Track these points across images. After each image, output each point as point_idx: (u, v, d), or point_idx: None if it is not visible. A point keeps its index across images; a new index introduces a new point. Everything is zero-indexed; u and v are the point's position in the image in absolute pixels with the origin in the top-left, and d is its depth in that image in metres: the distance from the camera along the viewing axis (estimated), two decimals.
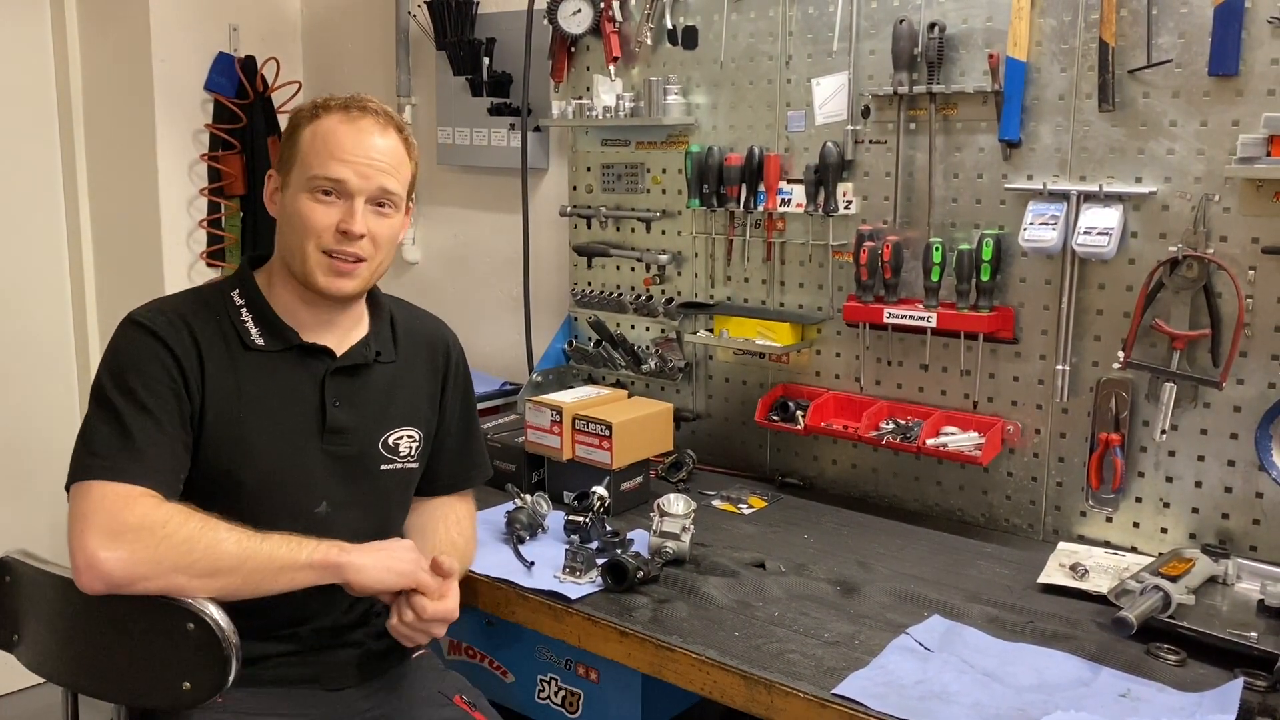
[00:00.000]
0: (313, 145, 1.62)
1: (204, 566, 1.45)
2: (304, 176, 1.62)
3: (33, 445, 3.27)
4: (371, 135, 1.63)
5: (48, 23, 3.20)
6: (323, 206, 1.61)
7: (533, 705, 2.03)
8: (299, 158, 1.63)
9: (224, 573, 1.46)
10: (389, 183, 1.64)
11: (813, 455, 2.46)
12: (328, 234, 1.61)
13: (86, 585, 1.42)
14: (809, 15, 2.35)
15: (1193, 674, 1.58)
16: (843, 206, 2.33)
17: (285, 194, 1.65)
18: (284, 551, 1.50)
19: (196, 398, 1.58)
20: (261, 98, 3.25)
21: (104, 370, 1.57)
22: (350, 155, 1.61)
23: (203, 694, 1.46)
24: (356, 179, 1.61)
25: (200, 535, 1.46)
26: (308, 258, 1.62)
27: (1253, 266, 1.90)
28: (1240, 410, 1.94)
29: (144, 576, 1.43)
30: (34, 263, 3.25)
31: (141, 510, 1.45)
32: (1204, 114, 1.92)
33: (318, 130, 1.63)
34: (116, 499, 1.45)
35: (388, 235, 1.66)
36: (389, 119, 1.67)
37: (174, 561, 1.44)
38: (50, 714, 3.03)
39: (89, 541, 1.42)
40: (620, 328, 2.74)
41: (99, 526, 1.43)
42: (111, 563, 1.41)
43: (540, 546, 2.04)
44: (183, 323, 1.60)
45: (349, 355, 1.71)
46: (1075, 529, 2.14)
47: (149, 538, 1.43)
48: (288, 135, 1.67)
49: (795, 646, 1.65)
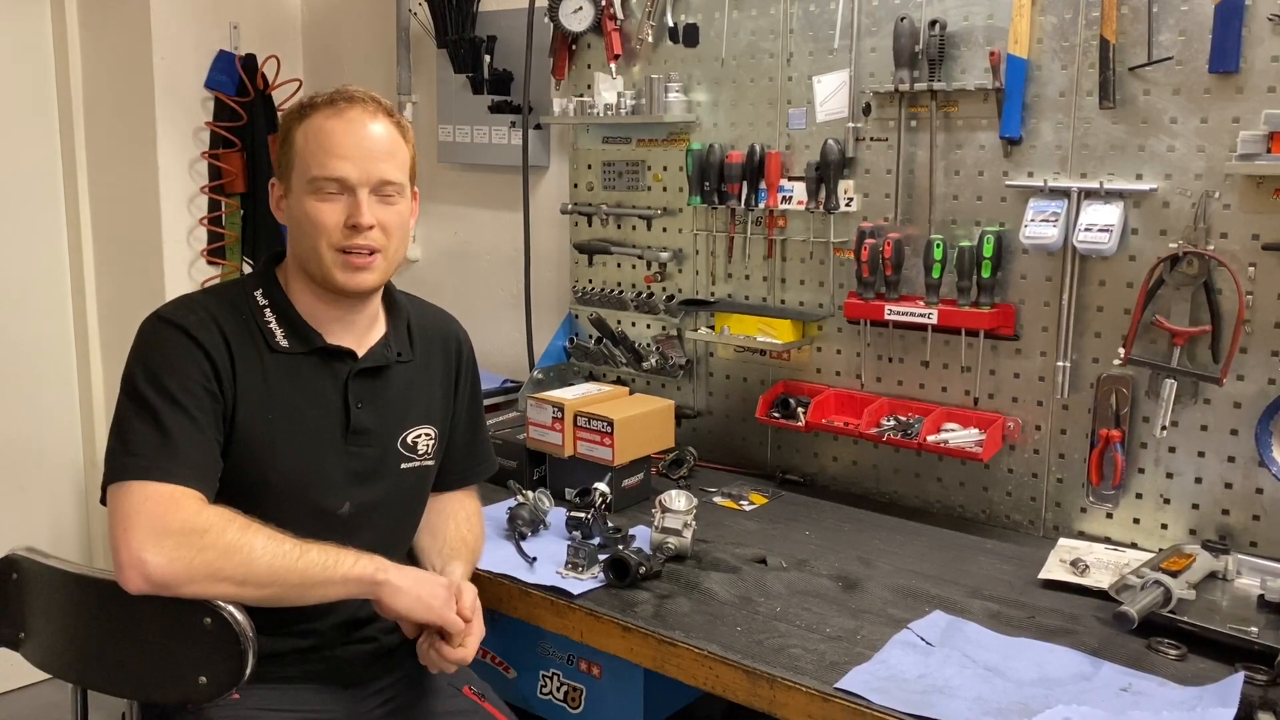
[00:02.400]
0: (307, 146, 1.60)
1: (241, 576, 1.45)
2: (304, 179, 1.60)
3: (33, 443, 3.27)
4: (363, 124, 1.61)
5: (48, 21, 3.20)
6: (328, 205, 1.60)
7: (535, 700, 2.04)
8: (296, 161, 1.62)
9: (261, 584, 1.47)
10: (388, 170, 1.62)
11: (813, 452, 2.47)
12: (337, 231, 1.60)
13: (130, 584, 1.42)
14: (810, 13, 2.35)
15: (1193, 669, 1.59)
16: (844, 204, 2.34)
17: (290, 200, 1.64)
18: (320, 566, 1.50)
19: (229, 397, 1.57)
20: (262, 95, 3.25)
21: (137, 367, 1.55)
22: (345, 149, 1.59)
23: (218, 689, 1.45)
24: (356, 172, 1.59)
25: (240, 544, 1.46)
26: (323, 258, 1.61)
27: (1253, 263, 1.90)
28: (1240, 406, 1.95)
29: (185, 581, 1.43)
30: (34, 260, 3.25)
31: (186, 513, 1.45)
32: (1204, 111, 1.92)
33: (308, 130, 1.61)
34: (160, 500, 1.45)
35: (396, 222, 1.65)
36: (377, 105, 1.64)
37: (214, 570, 1.44)
38: (54, 711, 3.07)
39: (133, 540, 1.42)
40: (621, 325, 2.74)
41: (144, 527, 1.42)
42: (154, 565, 1.41)
43: (542, 543, 2.04)
44: (213, 321, 1.59)
45: (370, 356, 1.70)
46: (1076, 525, 2.14)
47: (193, 543, 1.43)
48: (282, 141, 1.65)
49: (797, 641, 1.66)
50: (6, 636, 1.63)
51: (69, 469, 3.35)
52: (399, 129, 1.66)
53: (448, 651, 1.59)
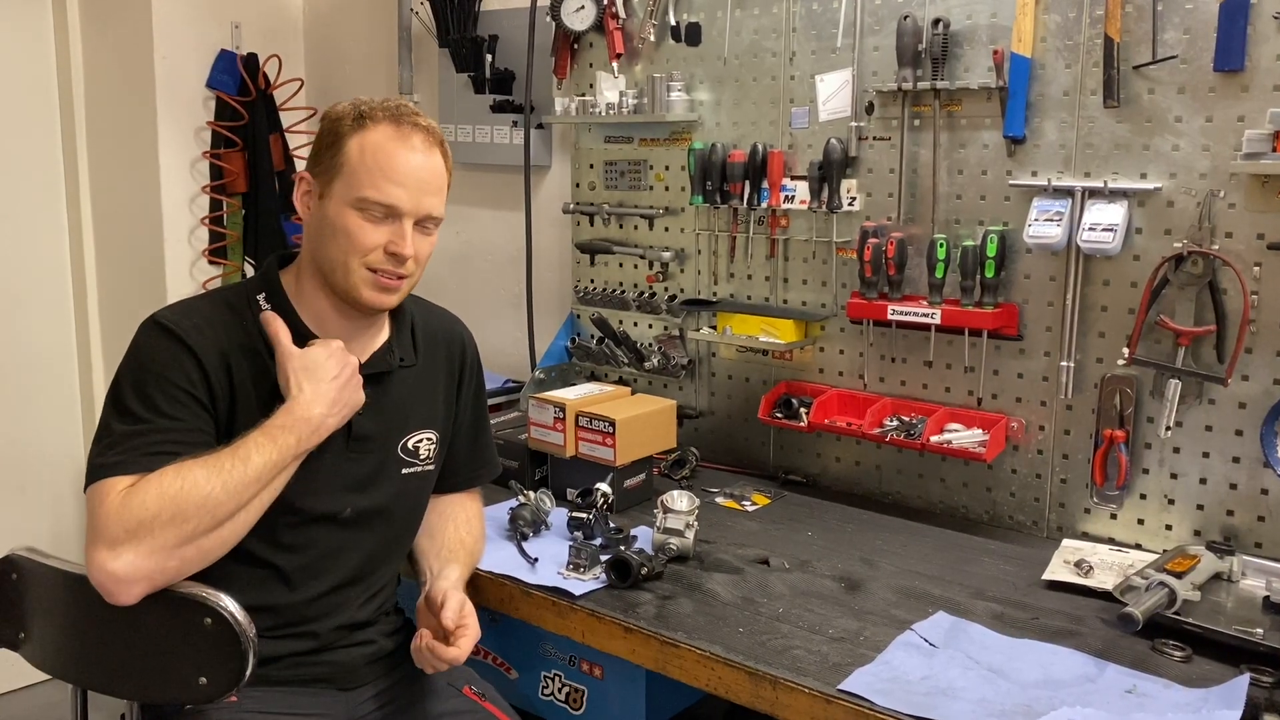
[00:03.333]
0: (362, 161, 1.55)
1: (205, 515, 1.41)
2: (352, 193, 1.56)
3: (34, 443, 3.27)
4: (424, 156, 1.58)
5: (50, 20, 3.20)
6: (372, 225, 1.57)
7: (537, 702, 2.03)
8: (345, 171, 1.56)
9: (227, 506, 1.43)
10: (435, 206, 1.61)
11: (816, 452, 2.46)
12: (376, 254, 1.57)
13: (120, 598, 1.40)
14: (813, 11, 2.35)
15: (1198, 670, 1.58)
16: (846, 203, 2.33)
17: (326, 203, 1.58)
18: (259, 460, 1.46)
19: (222, 405, 1.55)
20: (264, 95, 3.25)
21: (125, 373, 1.53)
22: (402, 177, 1.56)
23: (219, 690, 1.45)
24: (409, 203, 1.57)
25: (183, 489, 1.41)
26: (351, 273, 1.58)
27: (1258, 263, 1.89)
28: (1245, 407, 1.94)
29: (160, 565, 1.40)
30: (35, 260, 3.25)
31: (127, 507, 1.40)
32: (1209, 110, 1.91)
33: (365, 144, 1.56)
34: (114, 499, 1.41)
35: (428, 253, 1.65)
36: (436, 137, 1.62)
37: (181, 534, 1.40)
38: (53, 711, 3.07)
39: (96, 558, 1.39)
40: (623, 325, 2.74)
41: (101, 538, 1.39)
42: (122, 571, 1.38)
43: (544, 543, 2.04)
44: (209, 328, 1.57)
45: (373, 363, 1.69)
46: (1079, 526, 2.14)
47: (146, 531, 1.39)
48: (329, 143, 1.59)
49: (800, 643, 1.65)
50: (6, 637, 1.63)
51: (69, 469, 3.35)
52: (447, 162, 1.65)
53: (441, 650, 1.59)
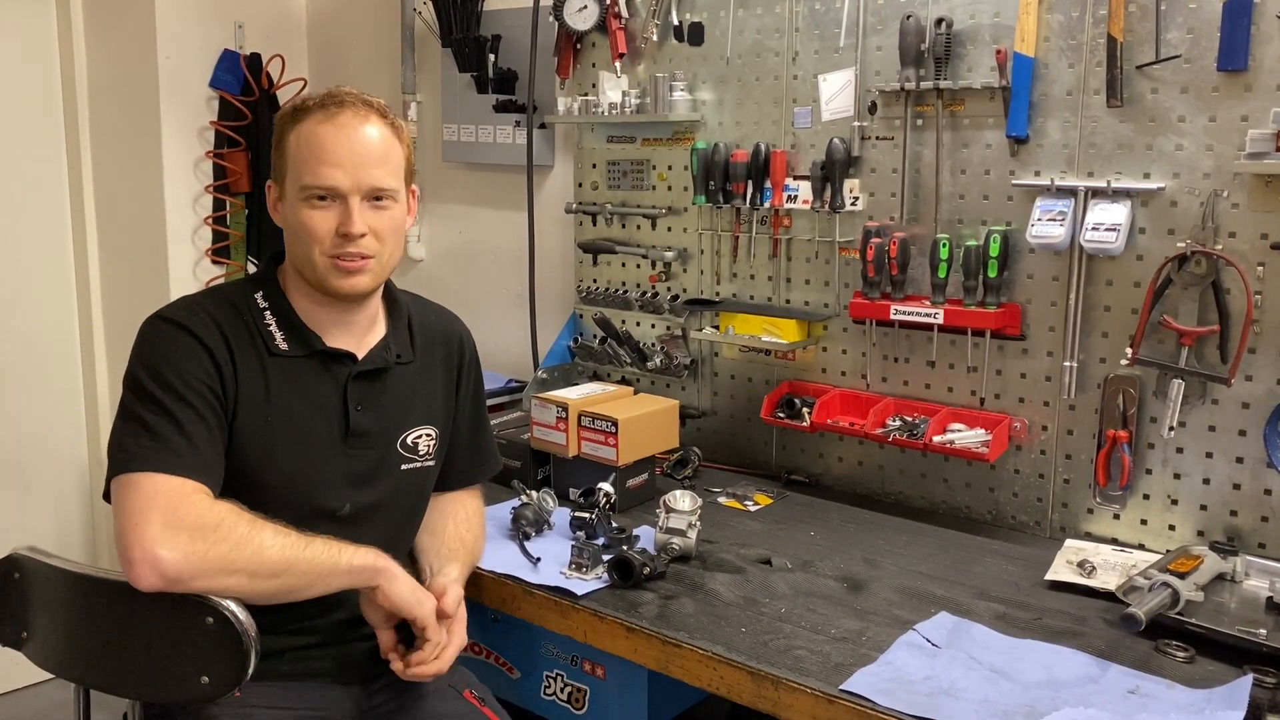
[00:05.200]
0: (299, 152, 1.59)
1: (253, 568, 1.46)
2: (296, 186, 1.59)
3: (38, 442, 3.28)
4: (354, 130, 1.59)
5: (53, 20, 3.20)
6: (320, 213, 1.58)
7: (539, 701, 2.03)
8: (290, 166, 1.60)
9: (268, 577, 1.47)
10: (379, 177, 1.60)
11: (819, 452, 2.46)
12: (329, 239, 1.59)
13: (142, 580, 1.41)
14: (816, 11, 2.35)
15: (1201, 671, 1.58)
16: (849, 203, 2.33)
17: (284, 204, 1.63)
18: (325, 556, 1.51)
19: (230, 397, 1.57)
20: (267, 95, 3.26)
21: (138, 364, 1.55)
22: (336, 157, 1.57)
23: (221, 688, 1.45)
24: (347, 180, 1.57)
25: (250, 538, 1.46)
26: (316, 264, 1.61)
27: (1261, 262, 1.89)
28: (1249, 407, 1.94)
29: (199, 575, 1.42)
30: (39, 260, 3.25)
31: (197, 508, 1.45)
32: (1213, 109, 1.91)
33: (300, 135, 1.59)
34: (171, 493, 1.44)
35: (389, 228, 1.64)
36: (368, 107, 1.61)
37: (227, 563, 1.44)
38: (57, 711, 3.07)
39: (146, 536, 1.41)
40: (626, 324, 2.74)
41: (157, 522, 1.41)
42: (169, 560, 1.40)
43: (546, 543, 2.04)
44: (214, 322, 1.59)
45: (370, 359, 1.70)
46: (1082, 526, 2.13)
47: (206, 537, 1.43)
48: (276, 144, 1.63)
49: (802, 643, 1.65)
50: (9, 636, 1.63)
51: (74, 468, 3.36)
52: (392, 129, 1.63)
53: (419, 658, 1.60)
